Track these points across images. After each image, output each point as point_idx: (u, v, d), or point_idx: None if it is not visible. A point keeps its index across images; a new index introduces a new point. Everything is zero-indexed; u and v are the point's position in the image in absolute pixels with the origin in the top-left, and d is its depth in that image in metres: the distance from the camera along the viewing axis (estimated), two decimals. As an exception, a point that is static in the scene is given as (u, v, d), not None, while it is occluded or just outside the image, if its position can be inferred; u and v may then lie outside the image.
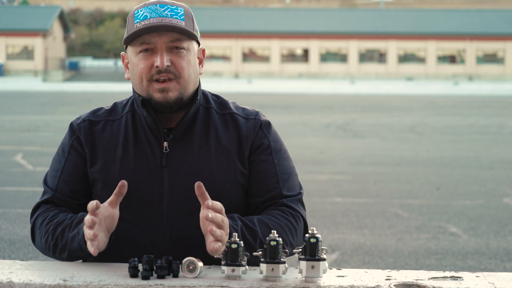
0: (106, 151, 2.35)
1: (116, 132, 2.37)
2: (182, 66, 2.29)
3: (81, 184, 2.37)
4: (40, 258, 6.23)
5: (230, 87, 45.10)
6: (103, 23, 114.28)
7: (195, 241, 2.26)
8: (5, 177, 10.48)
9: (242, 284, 1.99)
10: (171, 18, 2.28)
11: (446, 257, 6.56)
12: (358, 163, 12.74)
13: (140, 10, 2.30)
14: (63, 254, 2.28)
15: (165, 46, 2.28)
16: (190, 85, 2.32)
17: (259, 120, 2.41)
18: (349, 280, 2.05)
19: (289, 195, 2.36)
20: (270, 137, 2.40)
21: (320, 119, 22.88)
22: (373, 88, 49.35)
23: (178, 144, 2.34)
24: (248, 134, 2.37)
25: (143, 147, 2.34)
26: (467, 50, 69.56)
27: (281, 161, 2.39)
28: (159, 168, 2.31)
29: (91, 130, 2.38)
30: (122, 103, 2.45)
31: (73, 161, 2.37)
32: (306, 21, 70.81)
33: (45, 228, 2.31)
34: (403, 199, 9.27)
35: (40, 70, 66.86)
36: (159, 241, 2.29)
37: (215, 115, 2.39)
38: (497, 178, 11.10)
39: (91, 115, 2.42)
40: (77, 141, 2.38)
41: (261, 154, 2.37)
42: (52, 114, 23.55)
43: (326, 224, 7.78)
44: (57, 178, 2.37)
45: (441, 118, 24.15)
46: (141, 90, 2.32)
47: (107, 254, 2.29)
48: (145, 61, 2.29)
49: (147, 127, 2.35)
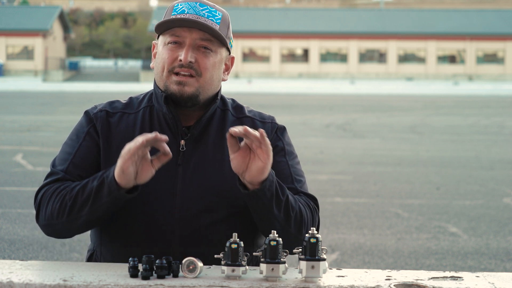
0: (121, 144, 2.32)
1: (131, 126, 2.37)
2: (205, 66, 2.30)
3: (90, 172, 2.33)
4: (40, 258, 6.24)
5: (230, 87, 45.09)
6: (103, 23, 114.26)
7: (206, 239, 2.28)
8: (5, 177, 10.48)
9: (242, 284, 1.99)
10: (207, 18, 2.30)
11: (446, 257, 6.57)
12: (358, 163, 12.74)
13: (180, 4, 2.32)
14: (83, 210, 2.21)
15: (193, 43, 2.29)
16: (210, 87, 2.33)
17: (275, 124, 2.44)
18: (349, 280, 2.05)
19: (306, 192, 2.39)
20: (284, 141, 2.43)
21: (320, 119, 22.89)
22: (373, 88, 49.36)
23: (194, 143, 2.35)
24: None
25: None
26: (467, 50, 69.56)
27: (294, 164, 2.42)
28: (174, 166, 2.31)
29: (107, 121, 2.37)
30: (139, 98, 2.45)
31: (88, 147, 2.35)
32: (306, 21, 70.81)
33: (59, 194, 2.25)
34: (403, 199, 9.27)
35: (40, 70, 66.87)
36: (171, 238, 2.30)
37: (231, 118, 2.41)
38: (497, 178, 11.10)
39: (108, 106, 2.42)
40: (93, 129, 2.36)
41: (276, 156, 2.37)
42: (52, 114, 23.55)
43: (326, 224, 7.77)
44: (68, 161, 2.33)
45: (441, 118, 24.16)
46: (160, 80, 2.32)
47: (121, 249, 2.30)
48: (171, 52, 2.30)
49: (165, 124, 2.35)
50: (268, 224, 2.23)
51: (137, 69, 76.85)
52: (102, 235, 2.36)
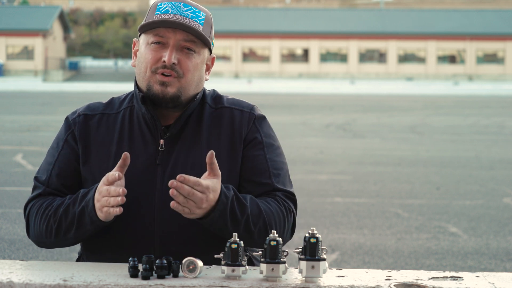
0: (101, 148, 2.35)
1: (111, 127, 2.38)
2: (187, 67, 2.30)
3: (73, 179, 2.36)
4: (40, 258, 6.24)
5: (230, 87, 45.09)
6: (103, 23, 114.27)
7: (187, 239, 2.28)
8: (5, 177, 10.47)
9: (242, 284, 1.99)
10: (190, 19, 2.30)
11: (446, 257, 6.56)
12: (358, 163, 12.74)
13: (164, 4, 2.32)
14: (69, 234, 2.27)
15: (177, 44, 2.30)
16: (191, 87, 2.33)
17: (253, 114, 2.41)
18: (349, 280, 2.05)
19: (282, 188, 2.36)
20: (262, 132, 2.40)
21: (320, 119, 22.88)
22: (373, 88, 49.35)
23: (173, 142, 2.35)
24: (242, 127, 2.38)
25: (137, 144, 2.34)
26: (467, 50, 69.56)
27: (273, 157, 2.38)
28: (153, 166, 2.32)
29: (86, 125, 2.38)
30: (120, 98, 2.46)
31: (66, 156, 2.37)
32: (306, 21, 70.80)
33: (43, 214, 2.29)
34: (403, 199, 9.26)
35: (40, 70, 66.86)
36: (151, 238, 2.30)
37: (208, 110, 2.40)
38: (497, 178, 11.10)
39: (87, 109, 2.42)
40: (71, 136, 2.38)
41: (253, 149, 2.36)
42: (52, 114, 23.55)
43: (326, 224, 7.77)
44: (49, 172, 2.36)
45: (441, 118, 24.15)
46: (142, 79, 2.33)
47: (100, 251, 2.31)
48: (154, 53, 2.30)
49: (144, 124, 2.36)
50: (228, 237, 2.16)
51: (137, 69, 76.73)
52: (85, 240, 2.37)
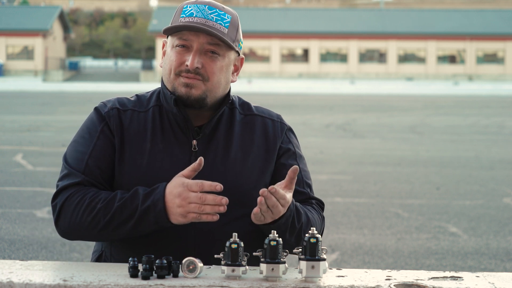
0: (134, 143, 2.33)
1: (142, 124, 2.36)
2: (213, 70, 2.30)
3: (107, 171, 2.32)
4: (40, 258, 6.24)
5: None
6: (103, 23, 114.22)
7: (219, 239, 2.27)
8: (5, 177, 10.47)
9: (242, 284, 1.99)
10: (215, 22, 2.29)
11: (446, 257, 6.56)
12: (358, 163, 12.74)
13: (189, 6, 2.32)
14: (119, 229, 2.22)
15: (200, 47, 2.29)
16: (217, 90, 2.33)
17: (284, 125, 2.48)
18: (349, 280, 2.05)
19: (316, 197, 2.47)
20: (293, 143, 2.48)
21: (320, 119, 22.88)
22: (373, 88, 49.35)
23: (206, 143, 2.35)
24: (276, 137, 2.43)
25: (171, 143, 2.34)
26: (467, 50, 69.55)
27: (303, 167, 2.48)
28: (186, 165, 2.29)
29: (119, 119, 2.36)
30: (146, 96, 2.44)
31: (103, 146, 2.33)
32: (306, 21, 70.80)
33: (88, 205, 2.23)
34: (403, 199, 9.27)
35: (40, 70, 66.85)
36: (185, 238, 2.30)
37: (238, 116, 2.42)
38: (497, 178, 11.10)
39: (118, 103, 2.39)
40: (107, 127, 2.34)
41: (289, 159, 2.42)
42: (52, 114, 23.54)
43: (326, 224, 7.77)
44: (84, 161, 2.31)
45: (441, 118, 24.15)
46: (167, 81, 2.33)
47: (134, 249, 2.29)
48: (179, 56, 2.30)
49: (176, 124, 2.35)
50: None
51: (137, 69, 76.85)
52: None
